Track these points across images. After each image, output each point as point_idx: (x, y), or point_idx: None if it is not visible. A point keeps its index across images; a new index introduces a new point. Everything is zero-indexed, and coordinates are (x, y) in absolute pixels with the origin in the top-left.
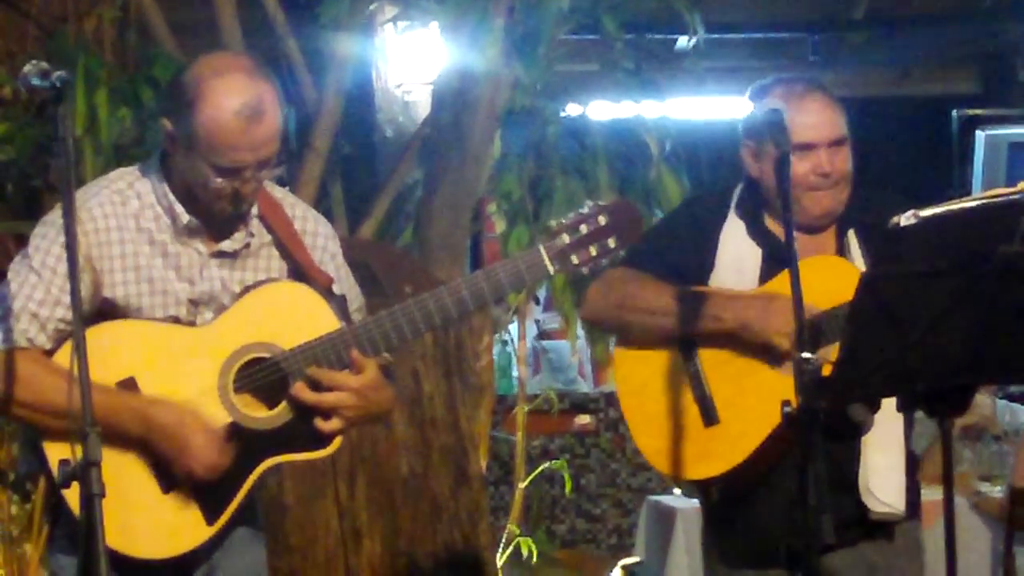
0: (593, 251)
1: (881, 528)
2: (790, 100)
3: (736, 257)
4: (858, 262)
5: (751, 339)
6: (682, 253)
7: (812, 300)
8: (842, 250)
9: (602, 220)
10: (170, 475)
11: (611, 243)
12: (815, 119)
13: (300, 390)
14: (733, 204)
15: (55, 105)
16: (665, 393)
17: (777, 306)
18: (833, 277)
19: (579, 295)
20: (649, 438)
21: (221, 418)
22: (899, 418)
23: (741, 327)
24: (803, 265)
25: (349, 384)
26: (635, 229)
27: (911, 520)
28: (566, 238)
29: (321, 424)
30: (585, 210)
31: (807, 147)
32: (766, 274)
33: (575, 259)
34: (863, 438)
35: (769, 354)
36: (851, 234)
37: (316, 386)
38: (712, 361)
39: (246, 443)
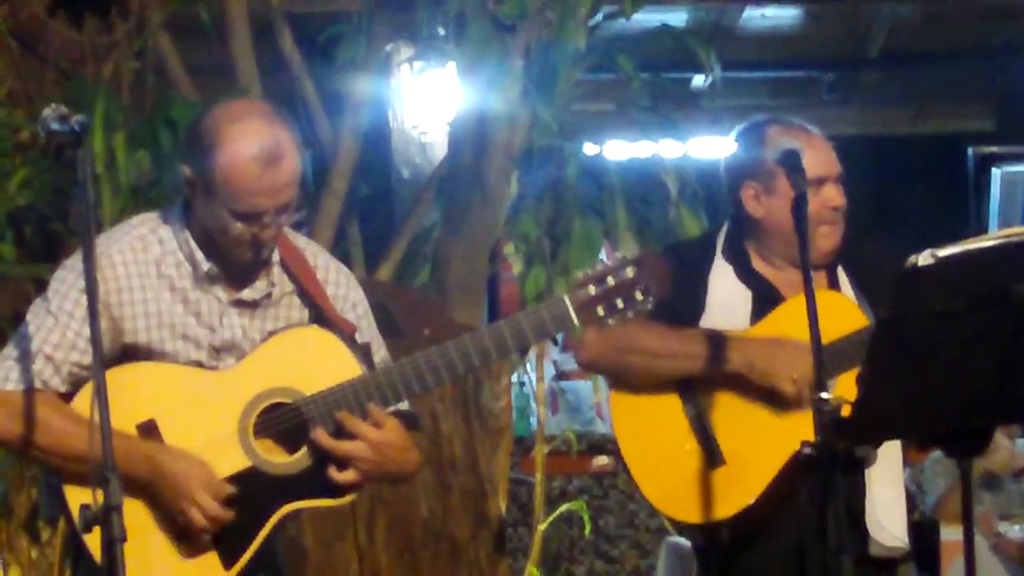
0: (619, 303)
1: (884, 567)
2: (798, 138)
3: (726, 300)
4: (850, 297)
5: (757, 382)
6: (673, 298)
7: (807, 336)
8: (833, 285)
9: (630, 272)
10: (175, 523)
11: (638, 296)
12: (823, 155)
13: (319, 434)
14: (719, 248)
15: (74, 149)
16: (666, 437)
17: (784, 350)
18: (829, 312)
19: None
20: (654, 484)
21: (240, 462)
22: (899, 454)
23: (748, 369)
24: (797, 301)
25: (369, 436)
26: (663, 282)
27: (908, 562)
28: (592, 289)
29: (334, 474)
30: (612, 262)
31: (819, 182)
32: (757, 315)
33: (601, 311)
34: (868, 472)
35: (773, 398)
36: (840, 270)
37: (338, 433)
38: (713, 403)
39: (265, 488)
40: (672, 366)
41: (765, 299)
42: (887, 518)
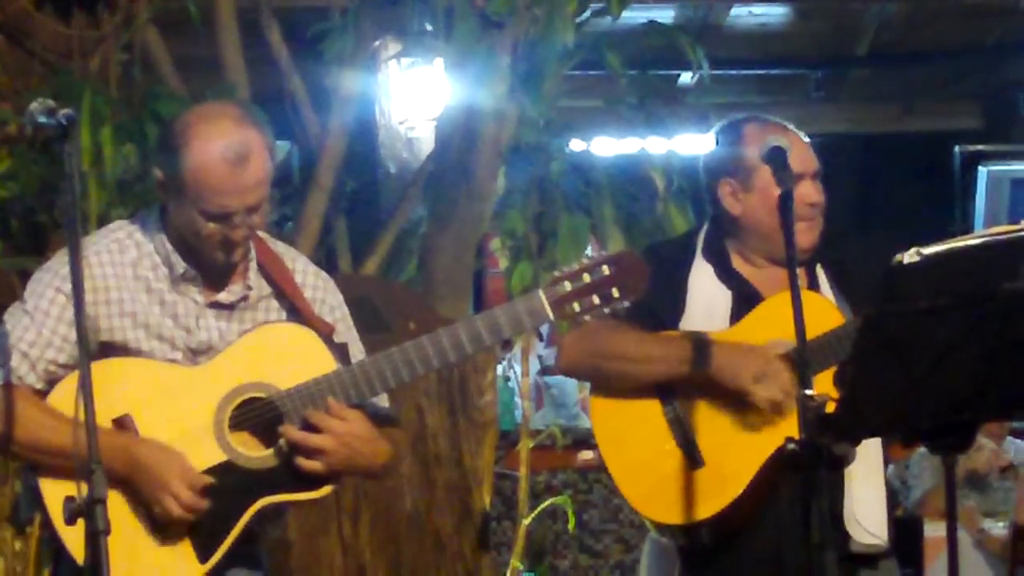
0: (595, 300)
1: (866, 563)
2: (775, 135)
3: (706, 301)
4: (828, 296)
5: (727, 386)
6: (652, 299)
7: (786, 335)
8: (812, 285)
9: (606, 270)
10: (152, 514)
11: (614, 293)
12: (800, 151)
13: (287, 429)
14: (699, 248)
15: (61, 142)
16: (646, 440)
17: (748, 353)
18: (807, 311)
19: None
20: (633, 486)
21: (215, 456)
22: (879, 452)
23: (718, 371)
24: (776, 300)
25: (334, 428)
26: (639, 280)
27: (890, 557)
28: (568, 286)
29: (302, 462)
30: (589, 260)
31: (796, 178)
32: (736, 316)
33: (576, 307)
34: (847, 470)
35: (743, 402)
36: (819, 268)
37: (306, 427)
38: (693, 405)
39: (240, 482)
40: (648, 371)
41: (745, 299)
42: (865, 516)
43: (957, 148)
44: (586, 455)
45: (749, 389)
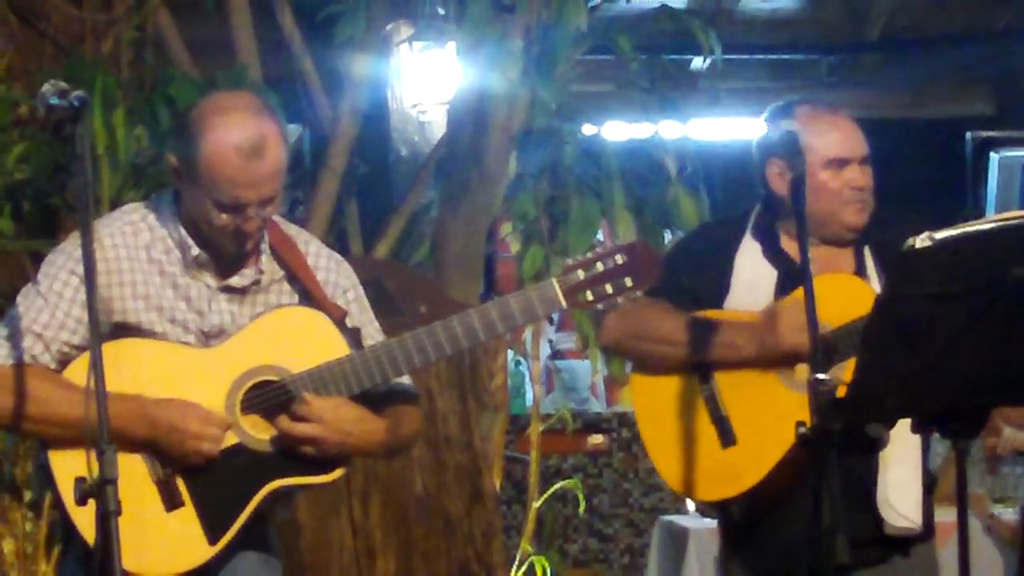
0: (608, 289)
1: (899, 548)
2: (822, 118)
3: (751, 279)
4: (873, 280)
5: (773, 356)
6: (698, 277)
7: (825, 318)
8: (860, 267)
9: (619, 259)
10: (172, 477)
11: (627, 282)
12: (848, 136)
13: (280, 420)
14: (750, 226)
15: (73, 124)
16: (682, 417)
17: (782, 314)
18: (846, 295)
19: (596, 315)
20: (668, 462)
21: (227, 438)
22: (918, 435)
23: (759, 350)
24: (817, 283)
25: (321, 415)
26: (652, 270)
27: (927, 541)
28: (581, 274)
29: (304, 449)
30: (602, 248)
31: (842, 162)
32: (780, 294)
33: (589, 296)
34: (882, 453)
35: (794, 360)
36: (867, 251)
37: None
38: (728, 383)
39: (251, 464)
40: (683, 353)
41: (790, 278)
42: (900, 499)
43: (969, 134)
44: (596, 439)
45: (790, 343)
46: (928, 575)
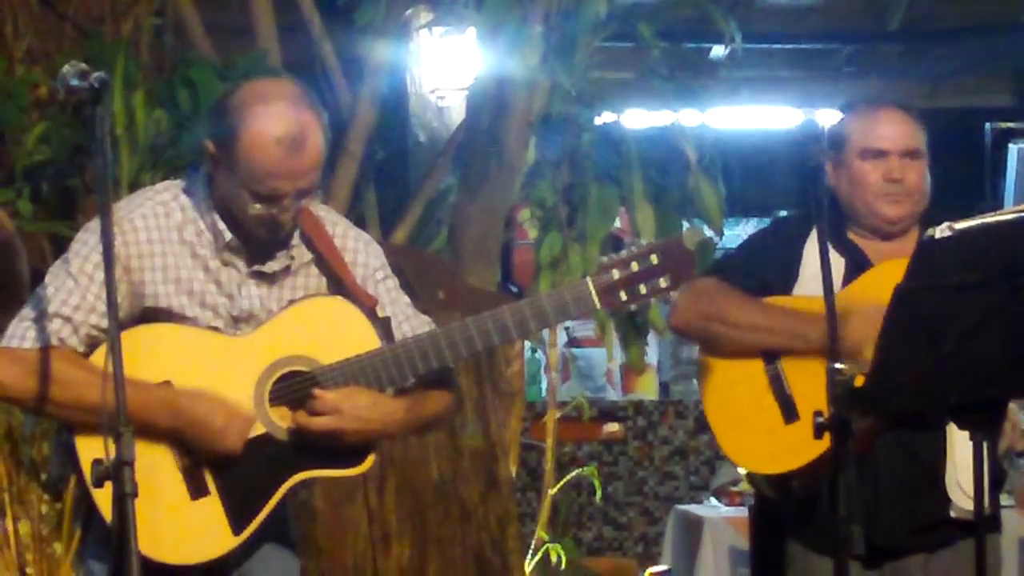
0: (643, 289)
1: (963, 535)
2: (868, 111)
3: (819, 267)
4: None
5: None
6: (768, 266)
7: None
8: None
9: (654, 259)
10: (198, 466)
11: (662, 283)
12: (888, 129)
13: (298, 415)
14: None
15: (93, 106)
16: (746, 395)
17: (852, 319)
18: (891, 283)
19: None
20: (732, 439)
21: (254, 428)
22: None
23: (826, 344)
24: (877, 270)
25: (338, 407)
26: (687, 269)
27: (995, 532)
28: (616, 274)
29: (326, 441)
30: (637, 248)
31: (879, 154)
32: (847, 282)
33: (623, 296)
34: (950, 435)
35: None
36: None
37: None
38: (792, 365)
39: (277, 455)
40: (754, 339)
41: (857, 266)
42: (968, 482)
43: (988, 125)
44: (612, 427)
45: (856, 348)
46: (992, 568)
